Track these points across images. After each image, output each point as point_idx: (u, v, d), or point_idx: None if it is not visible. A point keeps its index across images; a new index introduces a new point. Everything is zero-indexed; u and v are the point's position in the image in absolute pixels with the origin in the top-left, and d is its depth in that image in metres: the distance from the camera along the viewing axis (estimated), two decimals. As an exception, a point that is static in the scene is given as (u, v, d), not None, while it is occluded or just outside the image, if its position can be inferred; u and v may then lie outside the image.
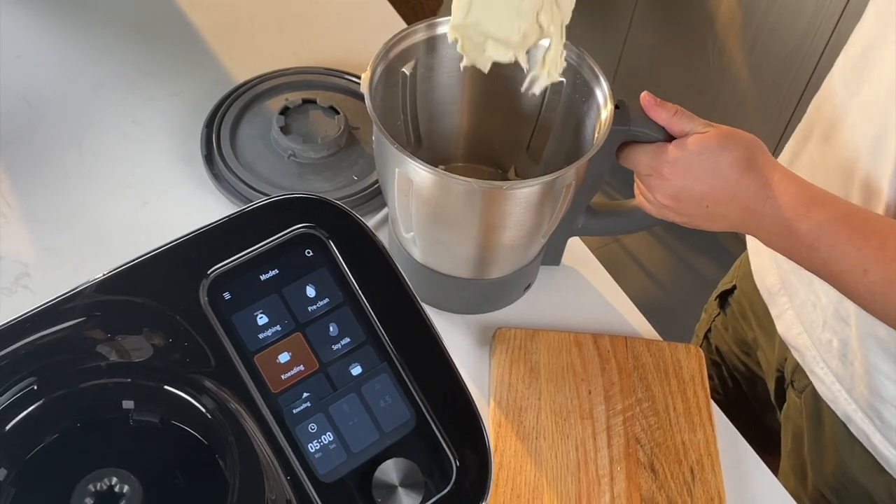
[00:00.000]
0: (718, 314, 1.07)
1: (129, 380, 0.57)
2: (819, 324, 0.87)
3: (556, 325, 0.89)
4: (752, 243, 0.99)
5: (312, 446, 0.59)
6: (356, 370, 0.62)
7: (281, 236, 0.64)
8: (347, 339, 0.63)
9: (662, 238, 2.16)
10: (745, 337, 1.02)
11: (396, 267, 0.65)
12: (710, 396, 0.84)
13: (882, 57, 0.74)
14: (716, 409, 0.84)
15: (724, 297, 1.07)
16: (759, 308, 0.97)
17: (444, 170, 0.76)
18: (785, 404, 0.95)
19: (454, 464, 0.62)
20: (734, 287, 1.04)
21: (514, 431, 0.79)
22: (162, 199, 0.95)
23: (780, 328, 0.93)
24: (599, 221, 0.89)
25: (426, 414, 0.63)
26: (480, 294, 0.88)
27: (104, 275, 0.59)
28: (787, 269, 0.90)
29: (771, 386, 0.98)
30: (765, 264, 0.95)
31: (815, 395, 0.88)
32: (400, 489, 0.59)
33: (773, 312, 0.94)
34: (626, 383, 0.83)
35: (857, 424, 0.84)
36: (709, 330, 1.09)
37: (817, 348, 0.87)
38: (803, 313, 0.88)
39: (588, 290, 0.93)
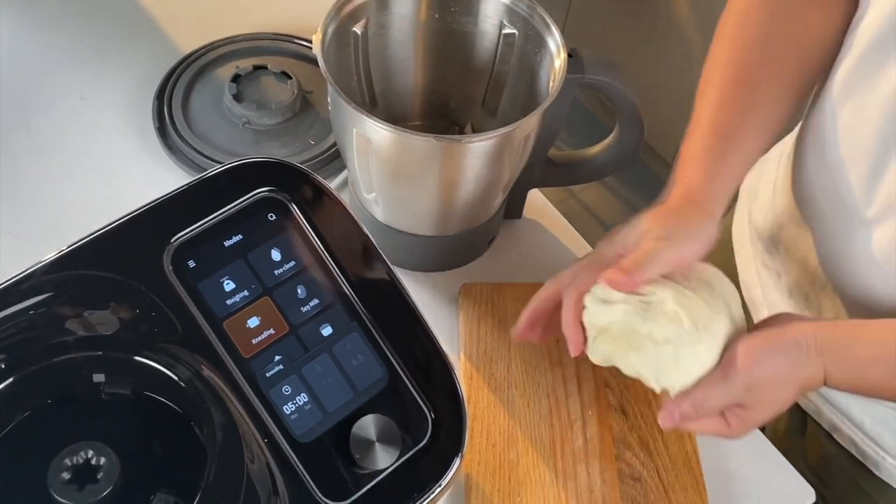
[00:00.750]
0: None
1: (98, 353, 0.56)
2: None
3: (522, 277, 0.90)
4: (739, 248, 0.95)
5: (288, 408, 0.60)
6: (327, 331, 0.63)
7: (242, 201, 0.63)
8: (316, 301, 0.63)
9: (617, 191, 2.18)
10: None
11: (360, 225, 0.65)
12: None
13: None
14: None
15: None
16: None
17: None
18: None
19: (429, 417, 0.62)
20: None
21: (486, 383, 0.80)
22: (117, 174, 0.94)
23: None
24: (559, 172, 0.90)
25: (399, 370, 0.63)
26: (445, 250, 0.89)
27: (65, 249, 0.59)
28: (768, 284, 0.88)
29: None
30: (751, 280, 0.92)
31: None
32: (377, 445, 0.60)
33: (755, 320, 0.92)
34: (593, 330, 0.84)
35: (841, 428, 0.84)
36: None
37: None
38: None
39: (551, 242, 0.94)
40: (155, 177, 0.94)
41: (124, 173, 0.94)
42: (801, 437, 0.82)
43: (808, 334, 0.64)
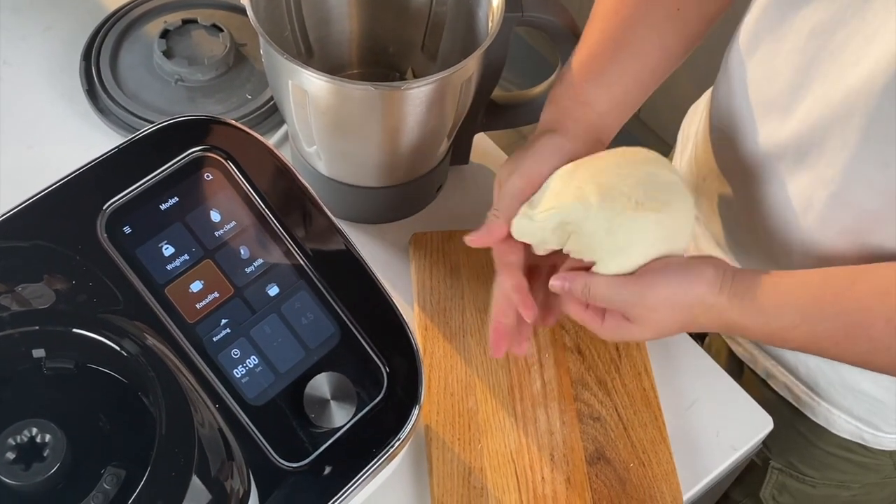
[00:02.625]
0: None
1: (35, 328, 0.54)
2: None
3: (472, 223, 0.88)
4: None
5: (238, 372, 0.58)
6: (273, 291, 0.61)
7: (177, 162, 0.61)
8: (260, 261, 0.61)
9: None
10: None
11: (301, 180, 0.63)
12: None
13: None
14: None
15: None
16: None
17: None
18: (707, 337, 0.94)
19: (384, 371, 0.62)
20: None
21: (441, 332, 0.79)
22: (47, 140, 0.90)
23: None
24: (504, 114, 0.88)
25: (350, 326, 0.62)
26: (392, 201, 0.87)
27: (-8, 222, 0.56)
28: (698, 235, 0.87)
29: None
30: None
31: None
32: (332, 403, 0.59)
33: None
34: (546, 272, 0.84)
35: (776, 375, 0.84)
36: None
37: None
38: None
39: (499, 185, 0.93)
40: (87, 141, 0.90)
41: (54, 139, 0.91)
42: (737, 383, 0.83)
43: (728, 271, 0.63)
